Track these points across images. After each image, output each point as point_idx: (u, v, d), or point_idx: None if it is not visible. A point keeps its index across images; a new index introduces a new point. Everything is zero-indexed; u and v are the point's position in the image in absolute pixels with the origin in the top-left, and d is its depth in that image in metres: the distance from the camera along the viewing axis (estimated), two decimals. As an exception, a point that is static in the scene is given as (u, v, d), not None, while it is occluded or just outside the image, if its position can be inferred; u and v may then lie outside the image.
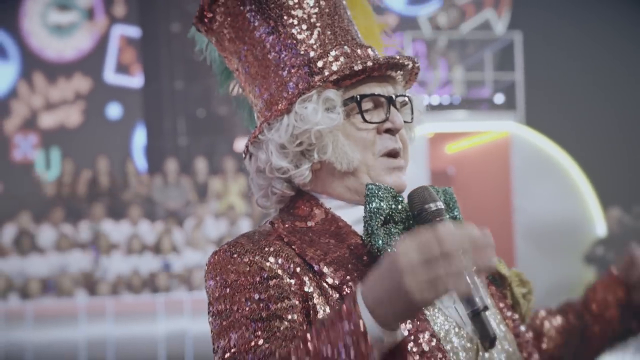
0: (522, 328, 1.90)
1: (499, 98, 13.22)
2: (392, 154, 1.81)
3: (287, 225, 1.79)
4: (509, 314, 1.88)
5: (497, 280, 1.94)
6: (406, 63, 1.83)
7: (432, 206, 1.71)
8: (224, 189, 13.45)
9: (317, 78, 1.77)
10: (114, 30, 18.48)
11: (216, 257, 1.74)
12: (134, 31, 17.96)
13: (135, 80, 18.06)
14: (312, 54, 1.80)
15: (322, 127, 1.75)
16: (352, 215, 1.79)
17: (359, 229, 1.76)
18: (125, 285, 11.55)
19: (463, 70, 13.71)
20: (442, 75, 13.34)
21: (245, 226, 12.56)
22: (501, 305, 1.89)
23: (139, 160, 17.18)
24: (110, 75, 18.45)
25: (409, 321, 1.67)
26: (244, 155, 1.88)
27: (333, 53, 1.80)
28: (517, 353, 1.83)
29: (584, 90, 15.64)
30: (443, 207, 1.73)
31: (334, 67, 1.78)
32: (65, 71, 18.20)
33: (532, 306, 1.96)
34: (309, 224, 1.78)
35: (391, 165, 1.80)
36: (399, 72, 1.85)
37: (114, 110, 18.42)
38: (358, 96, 1.78)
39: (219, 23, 1.89)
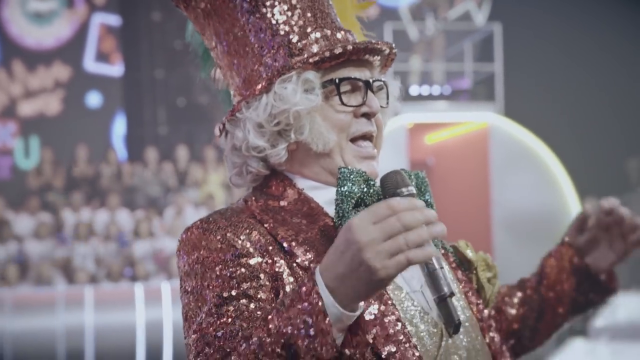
0: (486, 312, 1.91)
1: (478, 89, 13.28)
2: (367, 137, 1.83)
3: (260, 203, 1.80)
4: (473, 298, 1.90)
5: (463, 264, 1.95)
6: (384, 48, 1.85)
7: (404, 190, 1.72)
8: (203, 178, 13.44)
9: (297, 59, 1.78)
10: (94, 18, 18.39)
11: (189, 233, 1.75)
12: (114, 19, 17.88)
13: (116, 69, 17.99)
14: (292, 35, 1.82)
15: (300, 108, 1.76)
16: (325, 197, 1.80)
17: (331, 210, 1.77)
18: (104, 274, 11.54)
19: (443, 61, 13.76)
20: (423, 66, 13.37)
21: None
22: (466, 289, 1.90)
23: (119, 149, 17.13)
24: (90, 64, 18.36)
25: (375, 304, 1.69)
26: (219, 133, 1.88)
27: (313, 35, 1.82)
28: (479, 338, 1.84)
29: (562, 81, 15.72)
30: (415, 191, 1.73)
31: (314, 49, 1.80)
32: (44, 59, 18.10)
33: (497, 290, 1.99)
34: (282, 203, 1.80)
35: (363, 154, 1.82)
36: (376, 57, 1.86)
37: (93, 99, 18.34)
38: (337, 79, 1.79)
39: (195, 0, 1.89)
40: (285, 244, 1.72)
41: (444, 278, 1.65)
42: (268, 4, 1.83)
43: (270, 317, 1.56)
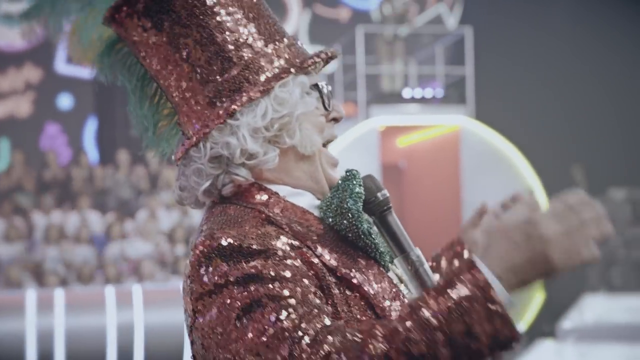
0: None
1: (449, 92, 13.37)
2: (332, 142, 1.85)
3: (273, 209, 1.75)
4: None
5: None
6: (337, 55, 1.88)
7: (380, 196, 1.76)
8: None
9: (287, 64, 1.78)
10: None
11: (206, 244, 1.64)
12: (85, 21, 17.77)
13: (87, 71, 17.81)
14: (266, 41, 1.80)
15: (300, 112, 1.76)
16: (304, 202, 1.79)
17: (315, 213, 1.77)
18: (74, 276, 11.49)
19: (414, 64, 13.83)
20: (393, 69, 13.44)
21: (197, 217, 12.56)
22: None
23: (91, 151, 17.05)
24: (62, 66, 18.27)
25: (397, 302, 1.72)
26: (194, 141, 1.78)
27: (284, 43, 1.81)
28: None
29: (533, 85, 15.86)
30: (388, 195, 1.77)
31: (294, 55, 1.80)
32: (15, 61, 17.97)
33: None
34: (276, 210, 1.75)
35: (334, 161, 1.83)
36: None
37: (65, 101, 18.24)
38: (319, 84, 1.81)
39: (139, 29, 1.83)
40: (311, 245, 1.69)
41: (429, 277, 1.69)
42: (223, 12, 1.79)
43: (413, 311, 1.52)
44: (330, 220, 1.74)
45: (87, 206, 12.50)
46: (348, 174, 1.76)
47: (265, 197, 1.76)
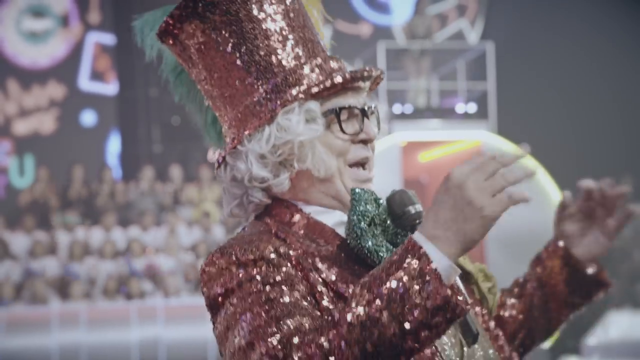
0: (492, 323, 1.96)
1: (471, 107, 13.35)
2: (363, 162, 1.88)
3: (276, 224, 1.83)
4: (478, 309, 1.94)
5: (463, 277, 1.98)
6: (374, 73, 1.90)
7: (412, 209, 1.79)
8: (199, 196, 13.47)
9: (297, 90, 1.82)
10: (88, 37, 18.45)
11: (214, 259, 1.74)
12: (108, 38, 17.94)
13: (110, 88, 18.04)
14: (288, 65, 1.85)
15: (304, 138, 1.80)
16: (331, 220, 1.84)
17: (341, 231, 1.82)
18: (99, 292, 11.54)
19: (436, 79, 13.83)
20: (416, 85, 13.44)
21: (219, 233, 12.59)
22: (470, 301, 1.93)
23: (114, 167, 17.17)
24: (85, 83, 18.41)
25: None
26: (217, 165, 1.90)
27: (308, 65, 1.85)
28: (492, 347, 1.89)
29: (554, 99, 15.81)
30: (421, 209, 1.80)
31: (313, 79, 1.83)
32: (39, 78, 18.14)
33: (498, 300, 2.02)
34: (293, 228, 1.82)
35: (361, 178, 1.87)
36: (367, 82, 1.91)
37: (88, 118, 18.38)
38: (337, 108, 1.84)
39: (187, 34, 1.91)
40: (309, 259, 1.75)
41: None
42: (260, 36, 1.86)
43: (362, 288, 1.59)
44: (347, 238, 1.79)
45: (110, 222, 12.57)
46: (353, 194, 1.79)
47: (289, 214, 1.84)
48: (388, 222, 1.82)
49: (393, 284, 1.55)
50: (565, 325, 2.24)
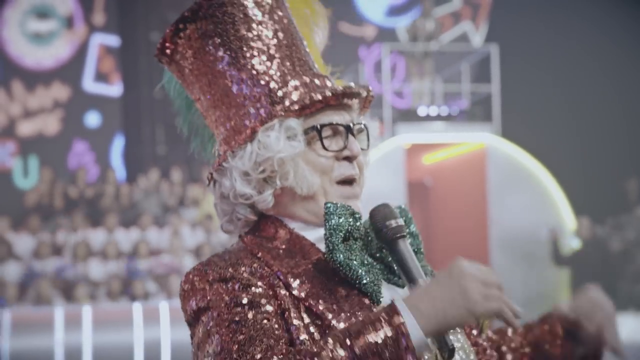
0: (480, 340, 1.95)
1: (476, 109, 13.35)
2: (349, 180, 1.89)
3: (255, 241, 1.86)
4: (466, 326, 1.93)
5: None
6: (361, 92, 1.91)
7: (393, 223, 1.80)
8: (202, 198, 13.49)
9: (278, 107, 1.84)
10: (93, 38, 18.49)
11: (190, 276, 1.80)
12: (113, 40, 17.97)
13: (115, 89, 18.07)
14: (272, 84, 1.87)
15: (284, 155, 1.82)
16: (314, 235, 1.86)
17: (322, 246, 1.83)
18: (103, 293, 11.56)
19: (440, 81, 13.84)
20: (420, 87, 13.45)
21: (222, 235, 12.59)
22: None
23: (118, 168, 17.18)
24: (89, 84, 18.44)
25: (347, 308, 1.77)
26: (207, 182, 1.94)
27: (292, 83, 1.87)
28: None
29: (559, 102, 15.81)
30: (403, 223, 1.81)
31: (294, 97, 1.85)
32: (43, 79, 18.17)
33: (489, 322, 2.01)
34: (275, 243, 1.85)
35: (347, 194, 1.87)
36: (354, 99, 1.92)
37: (92, 119, 18.41)
38: (318, 125, 1.85)
39: (180, 55, 1.96)
40: (281, 277, 1.78)
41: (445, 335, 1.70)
42: (248, 55, 1.89)
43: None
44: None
45: (114, 223, 12.59)
46: (325, 207, 1.82)
47: (273, 229, 1.88)
48: (371, 236, 1.84)
49: (365, 345, 1.61)
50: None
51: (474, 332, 1.95)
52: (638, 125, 15.50)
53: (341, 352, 1.61)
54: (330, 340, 1.63)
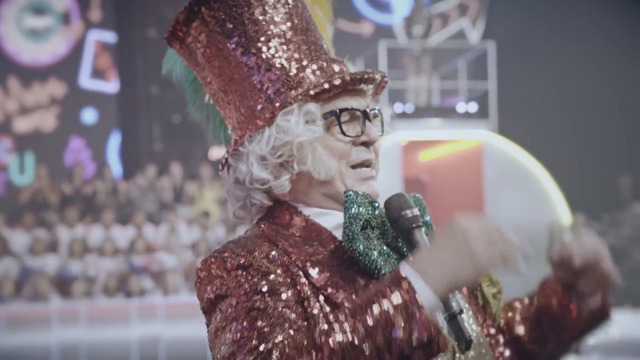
0: (492, 330, 1.94)
1: (472, 107, 13.35)
2: (366, 164, 1.88)
3: (272, 228, 1.85)
4: (479, 314, 1.93)
5: None
6: (377, 77, 1.91)
7: (409, 213, 1.79)
8: (199, 195, 13.48)
9: (297, 92, 1.84)
10: (89, 35, 18.46)
11: (207, 264, 1.78)
12: (109, 36, 17.95)
13: (111, 86, 18.05)
14: (289, 68, 1.87)
15: (303, 139, 1.81)
16: (331, 222, 1.85)
17: (338, 234, 1.82)
18: (99, 290, 11.55)
19: (437, 78, 13.84)
20: (416, 84, 13.45)
21: (219, 232, 12.59)
22: (472, 305, 1.93)
23: (114, 165, 17.17)
24: (86, 80, 18.42)
25: None
26: (221, 167, 1.92)
27: (310, 68, 1.87)
28: (489, 353, 1.88)
29: (555, 99, 15.82)
30: (418, 213, 1.81)
31: (312, 81, 1.85)
32: (40, 76, 18.15)
33: (502, 306, 2.00)
34: (291, 230, 1.84)
35: (364, 176, 1.87)
36: (369, 85, 1.92)
37: (89, 116, 18.39)
38: (337, 110, 1.85)
39: (192, 37, 1.94)
40: (300, 264, 1.77)
41: (453, 295, 1.69)
42: (263, 39, 1.88)
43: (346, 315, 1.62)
44: (342, 241, 1.81)
45: (110, 220, 12.58)
46: (345, 196, 1.81)
47: (288, 216, 1.86)
48: (387, 225, 1.83)
49: (378, 314, 1.59)
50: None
51: (486, 318, 1.94)
52: (633, 122, 15.52)
53: (352, 323, 1.60)
54: (340, 314, 1.63)
